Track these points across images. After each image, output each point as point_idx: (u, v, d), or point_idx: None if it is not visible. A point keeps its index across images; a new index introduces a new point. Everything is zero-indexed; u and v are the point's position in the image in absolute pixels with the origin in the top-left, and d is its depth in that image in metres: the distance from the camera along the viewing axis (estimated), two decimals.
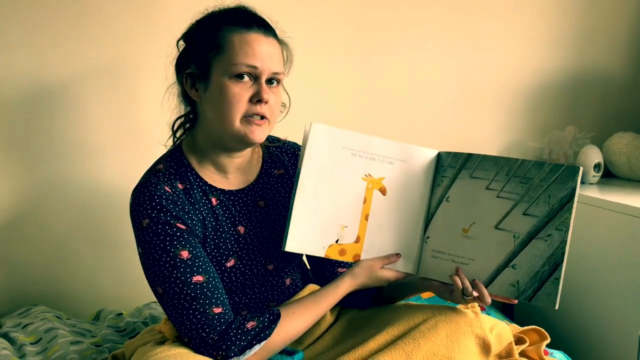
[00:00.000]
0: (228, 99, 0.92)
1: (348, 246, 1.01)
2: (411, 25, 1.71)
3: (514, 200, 0.94)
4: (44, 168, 1.44)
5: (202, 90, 0.96)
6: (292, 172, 1.10)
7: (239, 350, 0.90)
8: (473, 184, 0.98)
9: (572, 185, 0.90)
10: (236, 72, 0.92)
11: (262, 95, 0.93)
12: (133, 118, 1.48)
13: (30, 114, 1.41)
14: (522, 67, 1.85)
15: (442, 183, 1.02)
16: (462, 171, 1.00)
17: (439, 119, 1.79)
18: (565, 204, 0.90)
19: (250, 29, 0.94)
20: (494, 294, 0.94)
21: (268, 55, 0.94)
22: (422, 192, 1.02)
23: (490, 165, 0.98)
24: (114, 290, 1.53)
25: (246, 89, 0.93)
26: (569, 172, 0.91)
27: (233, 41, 0.93)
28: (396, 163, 1.02)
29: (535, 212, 0.92)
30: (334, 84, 1.66)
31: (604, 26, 1.91)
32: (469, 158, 0.99)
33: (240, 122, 0.94)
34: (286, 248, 0.97)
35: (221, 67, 0.93)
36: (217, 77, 0.94)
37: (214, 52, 0.94)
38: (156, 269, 0.91)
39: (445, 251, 0.99)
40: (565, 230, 0.90)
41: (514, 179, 0.95)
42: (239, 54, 0.92)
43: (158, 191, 0.94)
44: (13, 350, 1.19)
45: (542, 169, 0.93)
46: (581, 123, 1.93)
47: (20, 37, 1.37)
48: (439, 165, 1.03)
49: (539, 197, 0.93)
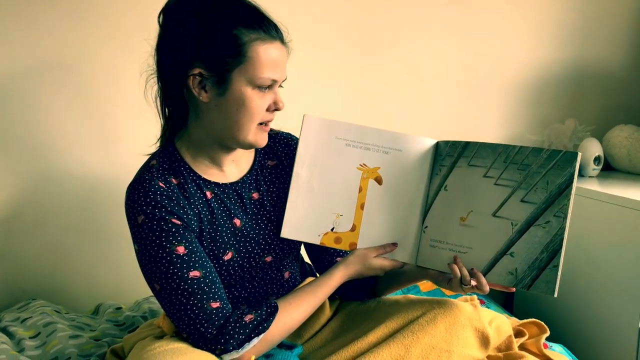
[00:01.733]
0: (251, 109, 0.93)
1: (344, 234, 1.02)
2: (412, 19, 1.70)
3: (512, 187, 0.94)
4: (42, 162, 1.43)
5: (215, 95, 0.92)
6: (286, 163, 1.10)
7: (238, 344, 0.90)
8: (471, 172, 0.98)
9: (570, 171, 0.89)
10: (261, 84, 0.92)
11: (279, 105, 0.96)
12: (128, 112, 1.48)
13: (27, 108, 1.41)
14: (522, 60, 1.84)
15: (441, 172, 1.01)
16: (460, 159, 0.99)
17: (439, 112, 1.79)
18: (564, 190, 0.90)
19: (271, 37, 0.92)
20: (492, 283, 0.94)
21: (284, 65, 0.96)
22: (419, 182, 1.02)
23: (488, 152, 0.97)
24: (113, 284, 1.54)
25: (265, 98, 0.94)
26: (567, 157, 0.90)
27: (258, 52, 0.91)
28: (392, 152, 1.02)
29: (534, 199, 0.92)
30: (335, 77, 1.66)
31: (605, 19, 1.90)
32: (467, 146, 0.99)
33: (255, 129, 0.95)
34: (282, 235, 1.01)
35: (244, 77, 0.91)
36: (238, 85, 0.91)
37: (236, 61, 0.90)
38: (153, 266, 0.91)
39: (443, 240, 0.99)
40: (563, 217, 0.89)
41: (511, 166, 0.95)
42: (265, 67, 0.91)
43: (152, 187, 0.93)
44: (12, 344, 1.19)
45: (539, 155, 0.92)
46: (581, 116, 1.92)
47: (17, 28, 1.37)
48: (437, 155, 1.02)
49: (536, 183, 0.92)
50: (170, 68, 0.94)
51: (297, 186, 1.02)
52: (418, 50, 1.73)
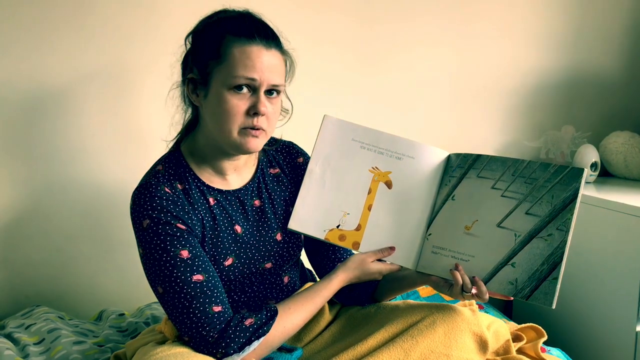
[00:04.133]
0: (226, 110, 0.94)
1: (348, 233, 1.03)
2: (408, 26, 1.72)
3: (518, 199, 0.96)
4: (46, 169, 1.45)
5: (202, 97, 0.98)
6: (287, 171, 1.12)
7: (238, 348, 0.91)
8: (479, 183, 1.00)
9: (575, 186, 0.91)
10: (235, 84, 0.93)
11: (258, 108, 0.95)
12: (135, 119, 1.50)
13: (32, 116, 1.42)
14: (518, 67, 1.86)
15: (450, 182, 1.03)
16: (470, 171, 1.01)
17: (435, 119, 1.80)
18: (568, 205, 0.91)
19: (252, 41, 0.94)
20: (492, 291, 0.95)
21: (268, 67, 0.95)
22: (428, 190, 1.04)
23: (497, 165, 0.99)
24: (115, 290, 1.55)
25: (244, 100, 0.95)
26: (573, 173, 0.92)
27: (233, 52, 0.93)
28: (405, 159, 1.04)
29: (538, 212, 0.93)
30: (333, 85, 1.67)
31: (600, 26, 1.92)
32: (478, 159, 1.01)
33: (238, 133, 0.96)
34: (289, 227, 1.03)
35: (220, 77, 0.94)
36: (216, 86, 0.95)
37: (215, 61, 0.94)
38: (156, 269, 0.93)
39: (445, 247, 1.00)
40: (566, 231, 0.91)
41: (519, 179, 0.97)
42: (239, 66, 0.93)
43: (158, 192, 0.95)
44: (16, 350, 1.21)
45: (547, 169, 0.95)
46: (578, 122, 1.94)
47: (21, 40, 1.39)
48: (448, 167, 1.04)
49: (542, 196, 0.94)
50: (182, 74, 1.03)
51: (309, 181, 1.04)
52: (415, 59, 1.74)
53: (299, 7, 1.59)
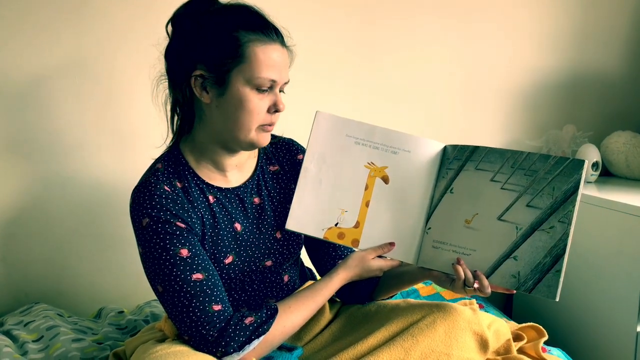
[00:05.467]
0: (249, 109, 0.94)
1: (347, 230, 1.03)
2: (411, 25, 1.71)
3: (518, 192, 0.95)
4: (44, 166, 1.45)
5: (215, 95, 0.95)
6: (287, 169, 1.12)
7: (239, 346, 0.91)
8: (478, 176, 0.99)
9: (576, 178, 0.91)
10: (260, 85, 0.94)
11: (279, 107, 0.97)
12: (133, 116, 1.49)
13: (29, 113, 1.42)
14: (520, 66, 1.86)
15: (447, 175, 1.02)
16: (467, 163, 1.00)
17: (437, 118, 1.80)
18: (569, 197, 0.91)
19: (271, 39, 0.94)
20: (495, 285, 0.94)
21: (284, 67, 0.97)
22: (425, 183, 1.03)
23: (496, 157, 0.98)
24: (115, 288, 1.55)
25: (265, 99, 0.96)
26: (574, 165, 0.92)
27: (256, 53, 0.93)
28: (400, 153, 1.03)
29: (539, 204, 0.93)
30: (334, 81, 1.67)
31: (602, 25, 1.92)
32: (475, 150, 1.00)
33: (256, 130, 0.96)
34: (286, 227, 1.02)
35: (242, 77, 0.93)
36: (237, 85, 0.93)
37: (234, 60, 0.93)
38: (156, 268, 0.92)
39: (446, 242, 0.99)
40: (568, 223, 0.90)
41: (519, 171, 0.96)
42: (263, 68, 0.93)
43: (158, 190, 0.95)
44: (15, 347, 1.20)
45: (547, 161, 0.94)
46: (579, 122, 1.94)
47: (18, 35, 1.38)
48: (445, 159, 1.03)
49: (543, 189, 0.93)
50: (177, 72, 0.98)
51: (305, 180, 1.03)
52: (417, 56, 1.74)
53: (297, 3, 1.58)
